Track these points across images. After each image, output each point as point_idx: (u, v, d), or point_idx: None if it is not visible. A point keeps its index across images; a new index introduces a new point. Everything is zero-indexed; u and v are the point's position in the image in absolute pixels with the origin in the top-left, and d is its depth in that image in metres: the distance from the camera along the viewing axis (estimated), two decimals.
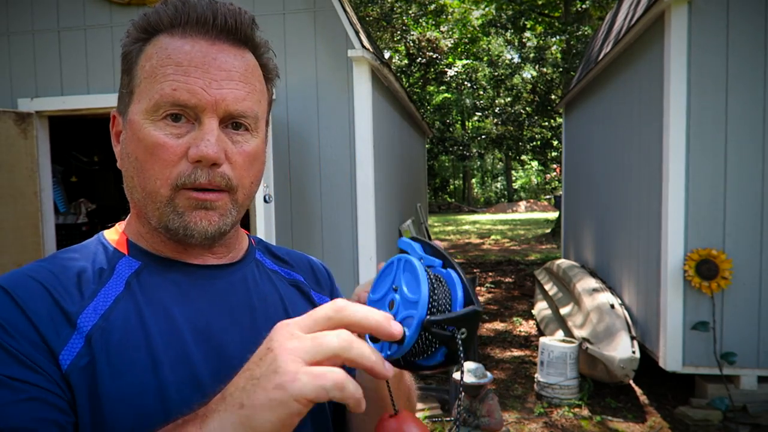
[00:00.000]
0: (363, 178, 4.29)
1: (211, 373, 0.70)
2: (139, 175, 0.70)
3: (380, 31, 18.68)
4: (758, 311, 3.91)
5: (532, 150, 24.27)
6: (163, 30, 0.70)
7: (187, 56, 0.68)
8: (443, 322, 0.56)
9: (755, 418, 3.76)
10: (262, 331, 0.74)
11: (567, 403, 4.26)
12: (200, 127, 0.68)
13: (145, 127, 0.69)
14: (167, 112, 0.68)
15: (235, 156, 0.71)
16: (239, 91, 0.70)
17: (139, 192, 0.71)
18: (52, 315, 0.64)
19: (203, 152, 0.67)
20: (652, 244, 4.39)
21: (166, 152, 0.68)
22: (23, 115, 4.38)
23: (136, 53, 0.72)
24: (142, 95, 0.70)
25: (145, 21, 0.71)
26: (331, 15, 4.18)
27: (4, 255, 4.20)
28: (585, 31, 15.24)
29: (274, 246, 0.92)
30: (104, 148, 7.27)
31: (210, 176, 0.69)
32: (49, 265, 0.70)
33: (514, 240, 15.95)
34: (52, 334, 0.63)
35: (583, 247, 7.25)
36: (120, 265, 0.73)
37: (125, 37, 0.73)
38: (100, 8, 4.41)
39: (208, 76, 0.68)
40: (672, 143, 3.97)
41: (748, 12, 3.86)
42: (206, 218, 0.70)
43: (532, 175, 36.73)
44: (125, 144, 0.73)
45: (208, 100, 0.68)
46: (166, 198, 0.69)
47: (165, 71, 0.68)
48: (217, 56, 0.69)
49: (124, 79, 0.73)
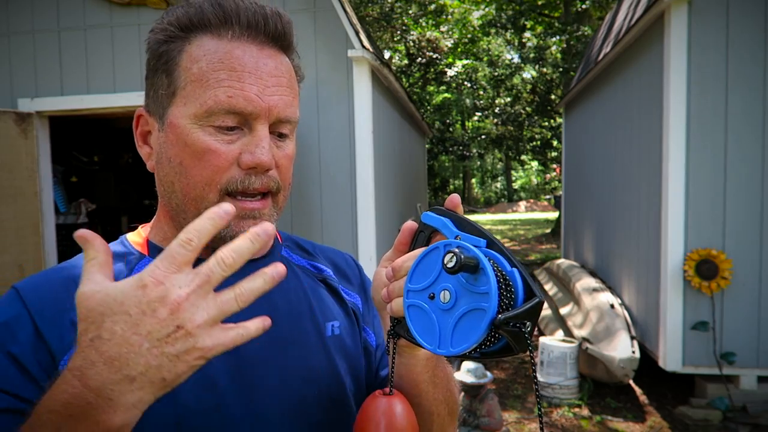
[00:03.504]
0: (363, 178, 4.29)
1: (226, 372, 0.69)
2: (182, 180, 0.69)
3: (380, 31, 18.68)
4: (758, 311, 3.91)
5: (532, 150, 24.26)
6: (208, 30, 0.68)
7: (239, 62, 0.67)
8: (513, 319, 0.53)
9: (755, 418, 3.76)
10: (283, 329, 0.75)
11: (567, 403, 4.26)
12: (252, 134, 0.68)
13: (194, 132, 0.68)
14: (222, 120, 0.67)
15: (282, 160, 0.72)
16: (287, 96, 0.71)
17: (180, 197, 0.71)
18: (60, 320, 0.65)
19: (259, 159, 0.67)
20: (652, 244, 4.39)
21: (217, 158, 0.68)
22: (23, 115, 4.38)
23: (176, 53, 0.69)
24: (189, 99, 0.68)
25: (187, 18, 0.69)
26: (331, 15, 4.17)
27: (4, 255, 4.20)
28: (585, 31, 15.23)
29: (303, 240, 0.92)
30: (104, 148, 7.27)
31: (263, 181, 0.69)
32: (69, 268, 0.71)
33: (514, 240, 15.95)
34: (56, 339, 0.64)
35: (583, 247, 7.25)
36: (139, 267, 0.73)
37: (156, 33, 0.70)
38: (100, 8, 4.41)
39: (261, 82, 0.68)
40: (672, 143, 3.97)
41: (748, 12, 3.86)
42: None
43: (532, 175, 36.71)
44: (165, 147, 0.71)
45: (262, 107, 0.68)
46: (213, 203, 0.67)
47: (218, 76, 0.67)
48: (267, 62, 0.69)
49: (161, 80, 0.71)
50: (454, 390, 0.81)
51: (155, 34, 0.71)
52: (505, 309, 0.54)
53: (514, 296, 0.55)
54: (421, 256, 0.59)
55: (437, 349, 0.56)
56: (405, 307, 0.60)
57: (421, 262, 0.59)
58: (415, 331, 0.58)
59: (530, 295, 0.55)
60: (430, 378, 0.75)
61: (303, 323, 0.78)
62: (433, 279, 0.58)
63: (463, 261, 0.53)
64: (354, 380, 0.82)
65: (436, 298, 0.57)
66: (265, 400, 0.71)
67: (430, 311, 0.58)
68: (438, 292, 0.57)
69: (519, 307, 0.54)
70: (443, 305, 0.56)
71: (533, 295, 0.54)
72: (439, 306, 0.57)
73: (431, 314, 0.57)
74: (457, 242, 0.57)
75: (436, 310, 0.57)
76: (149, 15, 4.37)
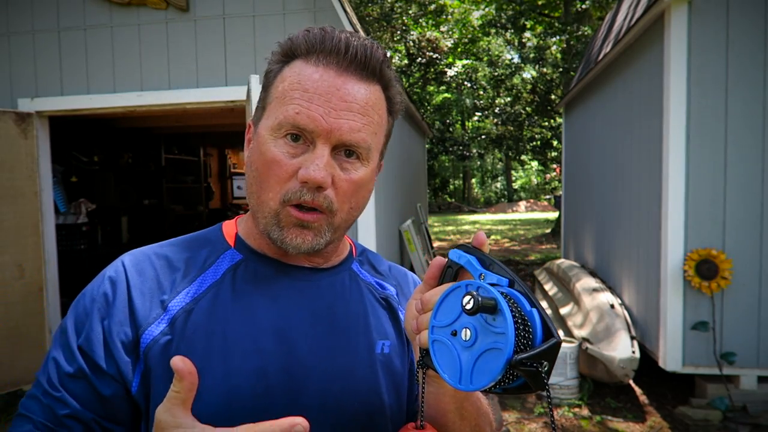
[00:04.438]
0: None
1: (279, 368, 0.76)
2: (257, 185, 0.77)
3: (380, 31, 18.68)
4: (758, 311, 3.91)
5: (532, 150, 24.27)
6: (300, 56, 0.76)
7: (314, 84, 0.73)
8: (529, 359, 0.55)
9: (755, 418, 3.76)
10: (337, 338, 0.81)
11: (567, 403, 4.26)
12: (313, 151, 0.74)
13: (268, 143, 0.75)
14: (287, 132, 0.74)
15: (341, 182, 0.76)
16: (355, 122, 0.74)
17: (255, 199, 0.78)
18: (153, 295, 0.77)
19: (311, 175, 0.72)
20: (652, 244, 4.39)
21: (280, 169, 0.74)
22: (23, 115, 4.38)
23: (275, 73, 0.78)
24: (270, 113, 0.76)
25: (288, 45, 0.77)
26: (331, 15, 4.17)
27: (4, 255, 4.20)
28: (585, 31, 15.23)
29: (378, 258, 0.97)
30: (104, 148, 7.27)
31: (314, 196, 0.74)
32: (168, 250, 0.82)
33: (514, 240, 15.95)
34: (143, 312, 0.75)
35: (583, 247, 7.25)
36: (224, 256, 0.82)
37: (270, 57, 0.80)
38: (100, 8, 4.41)
39: (329, 105, 0.73)
40: (672, 143, 3.97)
41: (748, 12, 3.86)
42: (301, 236, 0.76)
43: (532, 175, 36.71)
44: (251, 153, 0.80)
45: (324, 128, 0.72)
46: (274, 210, 0.75)
47: (293, 95, 0.74)
48: (341, 87, 0.74)
49: (262, 95, 0.80)
50: (483, 425, 0.82)
51: (270, 57, 0.80)
52: (523, 349, 0.56)
53: (532, 336, 0.57)
54: (445, 294, 0.62)
55: (458, 384, 0.59)
56: (429, 341, 0.62)
57: (446, 299, 0.62)
58: (438, 365, 0.60)
59: (548, 336, 0.57)
60: (457, 409, 0.77)
61: (356, 336, 0.83)
62: (456, 316, 0.60)
63: (481, 303, 0.55)
64: (395, 399, 0.85)
65: (458, 335, 0.59)
66: (307, 399, 0.77)
67: (452, 347, 0.60)
68: (460, 329, 0.59)
69: (536, 347, 0.56)
70: (464, 342, 0.58)
71: (551, 335, 0.57)
72: (461, 343, 0.59)
73: (453, 350, 0.60)
74: (479, 282, 0.59)
75: (458, 346, 0.59)
76: (149, 15, 4.37)
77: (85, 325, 0.75)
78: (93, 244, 6.68)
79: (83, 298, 0.78)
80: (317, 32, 0.76)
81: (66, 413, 0.72)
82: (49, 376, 0.74)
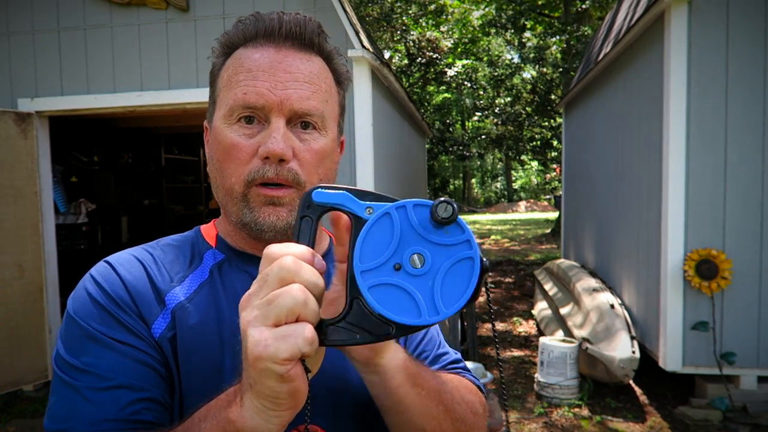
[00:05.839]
0: (363, 178, 4.29)
1: None
2: (219, 175, 0.78)
3: (380, 31, 18.68)
4: (758, 311, 3.91)
5: (532, 150, 24.24)
6: (239, 44, 0.78)
7: (255, 63, 0.75)
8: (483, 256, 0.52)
9: (755, 418, 3.76)
10: None
11: (567, 403, 4.26)
12: (268, 126, 0.75)
13: (223, 131, 0.76)
14: (240, 114, 0.75)
15: (303, 153, 0.76)
16: (303, 91, 0.75)
17: (221, 190, 0.79)
18: (147, 292, 0.75)
19: (270, 148, 0.73)
20: (652, 244, 4.39)
21: (239, 151, 0.75)
22: (23, 115, 4.38)
23: (218, 67, 0.80)
24: (221, 103, 0.78)
25: (226, 38, 0.80)
26: (331, 15, 4.17)
27: (4, 255, 4.20)
28: (585, 31, 15.23)
29: None
30: (104, 148, 7.27)
31: (278, 171, 0.74)
32: (151, 250, 0.82)
33: (514, 240, 15.95)
34: (146, 308, 0.74)
35: (583, 247, 7.25)
36: (207, 256, 0.83)
37: (211, 55, 0.82)
38: (100, 8, 4.41)
39: (273, 78, 0.74)
40: (672, 143, 3.97)
41: (748, 11, 3.86)
42: (275, 213, 0.75)
43: (532, 175, 36.70)
44: (209, 148, 0.82)
45: (273, 100, 0.74)
46: (240, 194, 0.76)
47: (238, 78, 0.75)
48: (282, 60, 0.76)
49: (210, 91, 0.82)
50: (454, 405, 0.74)
51: (211, 56, 0.82)
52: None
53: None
54: (366, 230, 0.53)
55: (422, 319, 0.51)
56: (363, 291, 0.52)
57: (368, 236, 0.53)
58: (387, 311, 0.51)
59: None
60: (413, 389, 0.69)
61: None
62: (393, 248, 0.52)
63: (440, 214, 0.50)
64: None
65: (403, 267, 0.52)
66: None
67: (400, 283, 0.52)
68: (405, 259, 0.52)
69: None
70: (416, 271, 0.52)
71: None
72: (409, 273, 0.52)
73: (403, 286, 0.52)
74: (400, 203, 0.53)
75: (405, 279, 0.52)
76: (149, 15, 4.37)
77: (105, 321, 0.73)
78: (93, 244, 6.67)
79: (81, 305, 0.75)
80: (250, 19, 0.78)
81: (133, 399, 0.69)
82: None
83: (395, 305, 0.52)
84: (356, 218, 0.55)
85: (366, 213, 0.54)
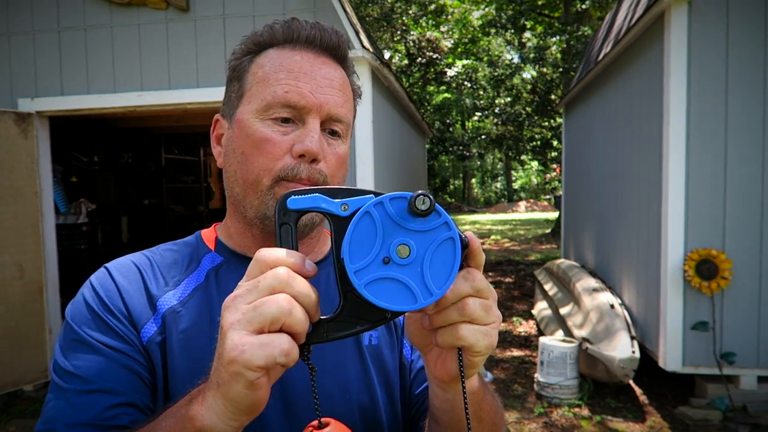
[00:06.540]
0: (363, 178, 4.29)
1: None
2: (243, 168, 0.78)
3: (380, 31, 18.68)
4: (758, 311, 3.91)
5: (532, 150, 24.24)
6: (276, 45, 0.81)
7: (297, 65, 0.78)
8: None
9: (755, 418, 3.76)
10: None
11: (567, 403, 4.26)
12: (304, 126, 0.77)
13: (254, 124, 0.77)
14: (278, 113, 0.77)
15: (330, 156, 0.79)
16: (338, 98, 0.79)
17: (240, 184, 0.79)
18: (141, 297, 0.77)
19: (308, 147, 0.75)
20: (652, 244, 4.39)
21: (273, 146, 0.76)
22: (23, 115, 4.38)
23: (247, 63, 0.81)
24: (252, 97, 0.79)
25: (258, 37, 0.81)
26: (331, 15, 4.17)
27: (4, 255, 4.20)
28: (585, 31, 15.23)
29: None
30: (104, 148, 7.27)
31: (310, 172, 0.76)
32: (151, 255, 0.84)
33: (514, 240, 15.94)
34: (138, 313, 0.76)
35: (583, 247, 7.25)
36: (205, 259, 0.84)
37: (234, 54, 0.83)
38: (100, 8, 4.41)
39: (314, 82, 0.77)
40: (672, 143, 3.97)
41: (748, 11, 3.86)
42: None
43: (532, 175, 36.70)
44: (230, 141, 0.81)
45: (314, 102, 0.77)
46: (267, 187, 0.76)
47: (278, 76, 0.77)
48: (321, 67, 0.79)
49: (234, 86, 0.83)
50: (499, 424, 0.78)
51: (233, 55, 0.83)
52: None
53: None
54: (351, 232, 0.54)
55: (419, 303, 0.54)
56: (361, 288, 0.54)
57: (353, 237, 0.54)
58: (387, 304, 0.54)
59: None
60: (474, 413, 0.71)
61: None
62: (379, 243, 0.54)
63: (417, 205, 0.53)
64: (387, 392, 0.84)
65: (392, 259, 0.54)
66: (296, 399, 0.77)
67: (391, 275, 0.54)
68: (392, 251, 0.54)
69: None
70: (403, 260, 0.54)
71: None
72: (397, 264, 0.54)
73: (395, 277, 0.54)
74: (378, 198, 0.55)
75: (396, 270, 0.54)
76: (149, 15, 4.37)
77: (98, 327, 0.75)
78: (93, 244, 6.68)
79: (80, 308, 0.78)
80: (288, 22, 0.80)
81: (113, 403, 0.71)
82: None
83: (392, 296, 0.54)
84: (333, 217, 0.57)
85: (342, 210, 0.56)
